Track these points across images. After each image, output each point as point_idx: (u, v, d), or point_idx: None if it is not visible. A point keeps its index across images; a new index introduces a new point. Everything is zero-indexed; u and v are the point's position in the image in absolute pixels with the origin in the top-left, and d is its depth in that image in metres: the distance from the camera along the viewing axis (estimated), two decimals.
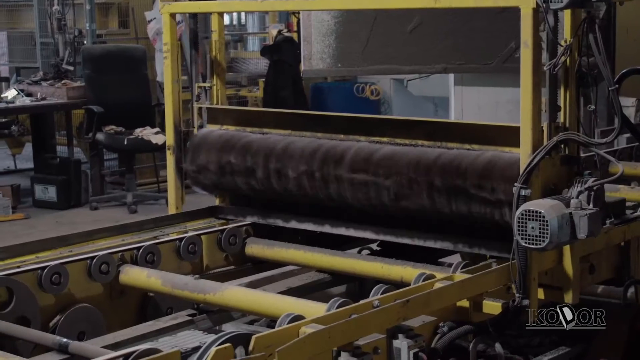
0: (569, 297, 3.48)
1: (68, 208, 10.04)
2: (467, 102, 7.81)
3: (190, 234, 4.17)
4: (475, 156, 3.64)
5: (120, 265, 3.86)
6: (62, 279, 3.66)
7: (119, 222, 4.45)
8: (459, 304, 3.32)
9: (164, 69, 4.47)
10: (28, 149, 12.00)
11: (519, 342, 3.91)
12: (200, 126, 4.54)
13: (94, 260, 3.77)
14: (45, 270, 3.61)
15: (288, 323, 2.87)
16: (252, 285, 4.04)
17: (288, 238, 4.34)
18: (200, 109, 4.56)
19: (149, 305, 3.99)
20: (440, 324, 3.30)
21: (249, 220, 4.41)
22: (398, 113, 12.61)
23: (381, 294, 3.16)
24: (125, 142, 9.78)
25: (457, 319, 3.32)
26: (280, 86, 12.28)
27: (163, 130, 9.77)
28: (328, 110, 11.67)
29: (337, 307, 3.05)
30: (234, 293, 3.57)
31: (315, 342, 2.67)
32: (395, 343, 3.08)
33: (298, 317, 2.91)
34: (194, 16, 4.56)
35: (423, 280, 3.35)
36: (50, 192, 10.08)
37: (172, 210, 4.51)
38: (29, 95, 10.21)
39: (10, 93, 10.03)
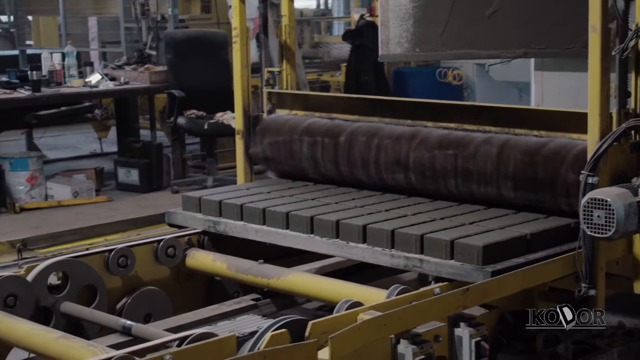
0: (639, 287, 3.41)
1: (150, 191, 10.14)
2: (548, 88, 7.67)
3: None
4: (543, 143, 3.57)
5: (186, 249, 3.89)
6: (128, 261, 3.70)
7: None
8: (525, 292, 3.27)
9: (234, 54, 4.48)
10: (113, 132, 12.19)
11: (591, 332, 3.84)
12: (270, 111, 4.55)
13: (161, 243, 3.81)
14: (112, 253, 3.66)
15: (346, 309, 2.86)
16: (318, 271, 4.03)
17: None
18: (269, 93, 4.56)
19: (215, 288, 4.02)
20: (505, 313, 3.25)
21: None
22: (481, 99, 12.45)
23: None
24: (206, 127, 9.83)
25: (523, 309, 3.27)
26: (361, 71, 12.24)
27: None
28: (410, 96, 11.61)
29: (397, 294, 3.03)
30: (297, 278, 3.57)
31: (370, 329, 2.65)
32: (457, 331, 3.05)
33: (357, 304, 2.90)
34: (263, 1, 4.56)
35: None
36: (132, 175, 10.21)
37: None
38: (112, 79, 10.34)
39: (95, 77, 10.15)
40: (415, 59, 11.86)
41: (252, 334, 2.77)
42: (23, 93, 9.43)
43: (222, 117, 9.88)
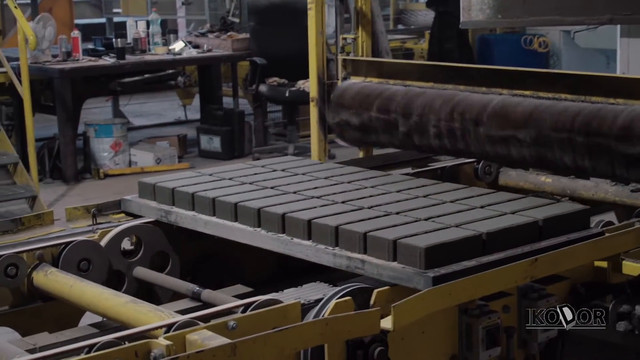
0: None
1: (231, 158, 10.24)
2: (634, 55, 7.51)
3: None
4: (619, 111, 3.49)
5: None
6: None
7: None
8: (597, 264, 3.20)
9: (309, 21, 4.46)
10: (197, 100, 12.31)
11: None
12: (345, 78, 4.53)
13: None
14: None
15: None
16: None
17: None
18: (344, 60, 4.54)
19: (288, 256, 4.03)
20: (577, 285, 3.20)
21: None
22: (567, 66, 12.25)
23: None
24: (287, 94, 9.86)
25: (595, 280, 3.21)
26: (445, 38, 12.13)
27: None
28: (494, 64, 11.45)
29: None
30: None
31: (435, 298, 2.62)
32: (526, 302, 3.00)
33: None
34: None
35: None
36: (214, 143, 10.31)
37: None
38: (196, 47, 10.43)
39: (178, 45, 10.26)
40: (498, 26, 11.70)
41: (317, 301, 2.77)
42: (108, 60, 9.58)
43: (304, 84, 9.89)
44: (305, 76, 9.95)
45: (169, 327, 2.51)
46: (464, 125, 3.93)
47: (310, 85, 4.48)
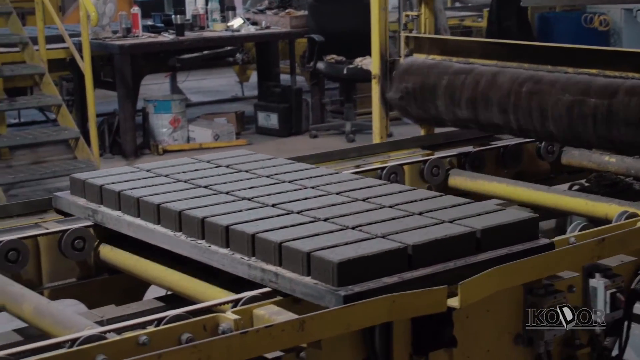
0: None
1: (289, 135, 10.27)
2: None
3: (391, 163, 4.16)
4: None
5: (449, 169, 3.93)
6: None
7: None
8: None
9: None
10: (254, 77, 12.34)
11: None
12: (407, 55, 4.51)
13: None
14: None
15: None
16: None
17: (492, 171, 4.27)
18: (407, 37, 4.52)
19: None
20: None
21: (453, 151, 4.36)
22: (628, 45, 12.07)
23: (579, 231, 3.06)
24: (345, 72, 9.85)
25: None
26: (504, 16, 12.01)
27: None
28: (554, 42, 11.33)
29: None
30: None
31: (502, 277, 2.61)
32: (592, 282, 2.97)
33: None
34: None
35: (625, 219, 3.21)
36: (272, 120, 10.34)
37: (376, 139, 4.53)
38: (254, 24, 10.45)
39: (237, 22, 10.28)
40: (558, 3, 11.57)
41: None
42: (167, 37, 9.63)
43: (362, 62, 9.88)
44: (363, 53, 10.01)
45: (235, 302, 2.52)
46: (529, 103, 3.90)
47: (373, 62, 4.46)
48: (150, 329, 2.36)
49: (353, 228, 2.73)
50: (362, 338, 2.60)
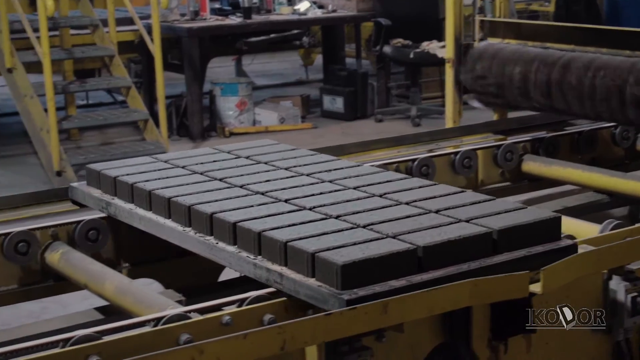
0: None
1: (354, 119, 10.25)
2: None
3: (465, 148, 4.14)
4: None
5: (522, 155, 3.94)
6: None
7: (402, 134, 4.49)
8: None
9: None
10: (318, 60, 12.34)
11: None
12: (481, 39, 4.48)
13: (415, 162, 3.86)
14: None
15: None
16: (527, 202, 3.99)
17: (566, 157, 4.24)
18: (481, 21, 4.49)
19: None
20: None
21: (527, 136, 4.33)
22: None
23: None
24: (411, 56, 9.81)
25: None
26: (572, 0, 11.86)
27: None
28: (622, 26, 11.17)
29: (610, 229, 2.96)
30: None
31: (583, 262, 2.59)
32: None
33: (570, 237, 2.83)
34: None
35: None
36: (337, 103, 10.33)
37: (449, 124, 4.52)
38: (320, 7, 10.44)
39: (303, 5, 10.28)
40: None
41: None
42: (234, 20, 9.66)
43: (428, 46, 9.83)
44: (430, 37, 9.95)
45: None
46: (606, 88, 3.86)
47: (447, 46, 4.44)
48: (233, 309, 2.38)
49: (364, 227, 2.63)
50: (441, 322, 2.61)
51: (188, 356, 2.05)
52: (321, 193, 2.96)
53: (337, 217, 2.72)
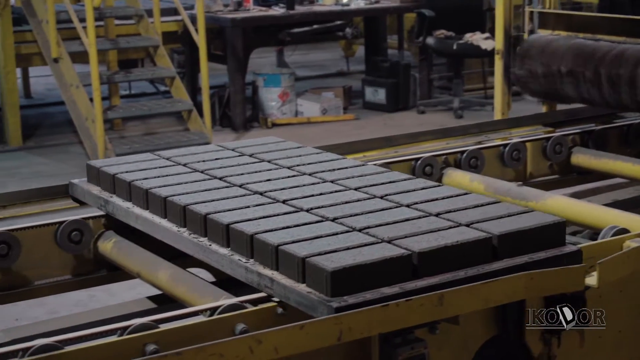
0: None
1: (396, 111, 10.24)
2: None
3: (514, 140, 4.12)
4: None
5: (443, 168, 3.90)
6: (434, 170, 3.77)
7: (444, 126, 4.48)
8: None
9: None
10: (359, 51, 12.33)
11: None
12: (531, 31, 4.45)
13: (418, 161, 3.82)
14: (419, 161, 3.74)
15: (612, 236, 2.79)
16: (576, 196, 3.97)
17: (616, 150, 4.20)
18: (531, 13, 4.47)
19: None
20: None
21: (576, 128, 4.29)
22: None
23: None
24: (455, 47, 9.77)
25: None
26: None
27: (493, 35, 9.66)
28: None
29: None
30: (557, 202, 3.50)
31: (638, 256, 2.58)
32: None
33: (622, 231, 2.81)
34: None
35: None
36: (379, 95, 10.32)
37: (497, 115, 4.49)
38: None
39: None
40: None
41: None
42: (277, 10, 9.67)
43: (472, 37, 9.79)
44: (473, 29, 9.89)
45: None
46: None
47: (496, 38, 4.42)
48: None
49: (360, 230, 2.53)
50: (494, 315, 2.60)
51: (246, 345, 2.06)
52: (321, 194, 2.87)
53: (333, 219, 2.63)
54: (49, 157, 8.53)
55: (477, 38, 9.78)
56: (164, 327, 2.21)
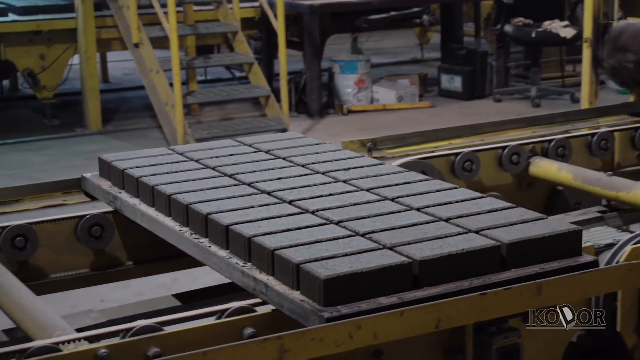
0: None
1: (472, 99, 10.17)
2: None
3: (602, 129, 4.06)
4: None
5: (530, 157, 3.86)
6: (473, 166, 3.73)
7: (522, 115, 4.44)
8: None
9: None
10: (434, 39, 12.27)
11: None
12: (620, 18, 4.39)
13: (505, 150, 3.80)
14: (459, 157, 3.70)
15: None
16: None
17: None
18: (621, 0, 4.40)
19: (557, 198, 3.98)
20: None
21: None
22: None
23: None
24: (533, 35, 9.66)
25: None
26: None
27: (572, 23, 9.55)
28: None
29: None
30: None
31: None
32: None
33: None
34: None
35: None
36: (455, 82, 10.26)
37: (584, 104, 4.44)
38: None
39: None
40: None
41: (609, 245, 2.72)
42: None
43: (551, 25, 9.67)
44: (552, 16, 9.77)
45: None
46: None
47: (585, 26, 4.36)
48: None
49: (363, 235, 2.41)
50: (588, 306, 2.58)
51: (345, 331, 2.06)
52: (330, 194, 2.75)
53: (337, 222, 2.51)
54: (129, 141, 8.64)
55: (556, 26, 9.66)
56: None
